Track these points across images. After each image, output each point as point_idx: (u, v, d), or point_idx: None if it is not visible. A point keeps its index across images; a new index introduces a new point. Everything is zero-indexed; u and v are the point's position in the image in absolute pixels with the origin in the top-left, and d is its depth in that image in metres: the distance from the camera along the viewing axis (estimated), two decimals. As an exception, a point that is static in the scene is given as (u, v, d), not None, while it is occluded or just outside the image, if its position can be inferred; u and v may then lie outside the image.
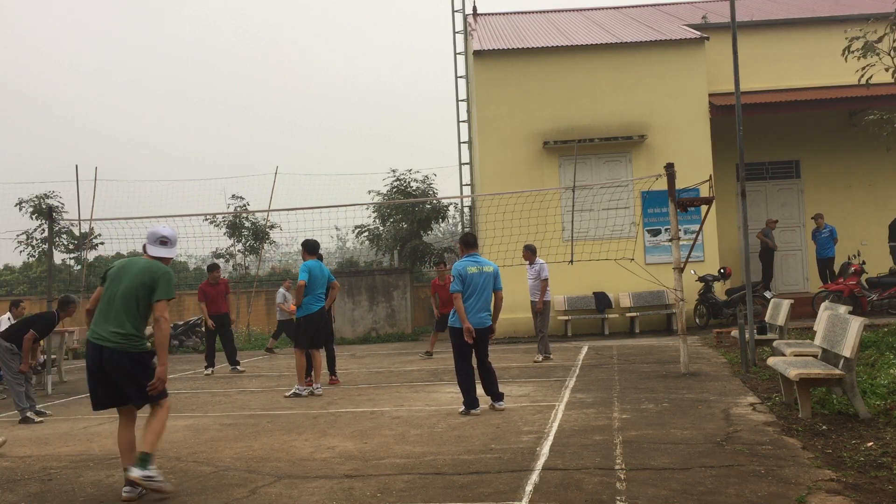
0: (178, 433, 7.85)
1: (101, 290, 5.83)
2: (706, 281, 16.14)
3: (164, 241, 5.93)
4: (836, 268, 16.53)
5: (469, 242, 8.49)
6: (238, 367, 13.53)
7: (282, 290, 16.79)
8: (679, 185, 10.89)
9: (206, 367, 13.49)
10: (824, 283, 16.64)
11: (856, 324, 6.81)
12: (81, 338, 19.66)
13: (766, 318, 11.26)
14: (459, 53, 21.64)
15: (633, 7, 23.43)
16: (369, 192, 22.97)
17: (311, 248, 10.57)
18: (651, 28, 19.14)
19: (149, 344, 5.73)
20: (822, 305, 9.71)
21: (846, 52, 10.02)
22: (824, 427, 6.57)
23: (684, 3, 23.34)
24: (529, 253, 12.59)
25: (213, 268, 14.26)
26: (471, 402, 8.09)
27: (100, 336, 5.58)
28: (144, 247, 6.20)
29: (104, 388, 5.64)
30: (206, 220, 21.75)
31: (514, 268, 14.08)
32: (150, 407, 5.62)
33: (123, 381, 5.55)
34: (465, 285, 8.12)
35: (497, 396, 8.29)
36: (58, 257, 22.58)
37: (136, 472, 5.34)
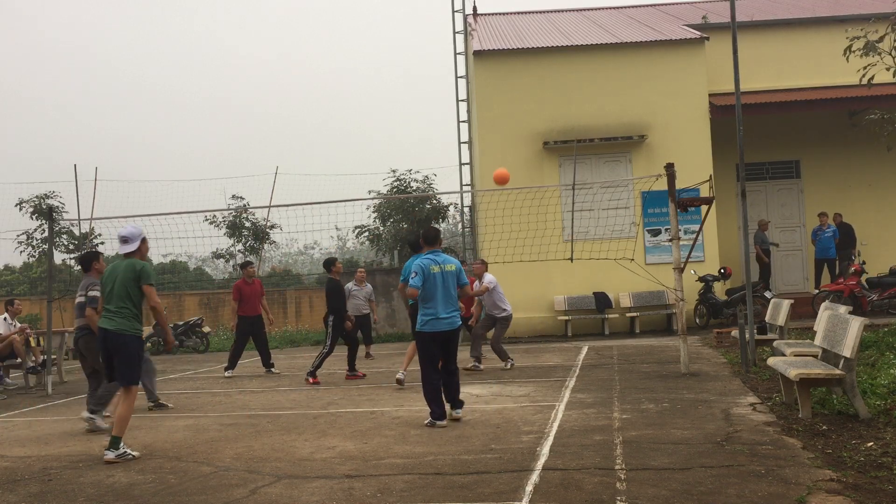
0: (179, 433, 7.86)
1: None
2: (706, 281, 16.14)
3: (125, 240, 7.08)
4: (836, 268, 16.54)
5: (430, 239, 7.90)
6: (273, 370, 12.93)
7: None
8: (679, 185, 10.89)
9: (227, 369, 12.86)
10: (820, 285, 16.63)
11: (856, 324, 6.81)
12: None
13: (766, 318, 11.25)
14: (459, 53, 21.63)
15: (633, 7, 23.43)
16: (369, 192, 23.00)
17: None
18: (651, 28, 19.13)
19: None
20: (822, 305, 9.71)
21: (847, 52, 10.03)
22: (824, 427, 6.57)
23: (684, 3, 23.34)
24: (483, 265, 11.99)
25: (247, 264, 13.60)
26: (438, 413, 7.55)
27: None
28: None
29: None
30: (206, 219, 21.77)
31: (515, 268, 14.10)
32: None
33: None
34: (425, 283, 7.56)
35: (456, 403, 7.75)
36: (58, 257, 22.59)
37: None
